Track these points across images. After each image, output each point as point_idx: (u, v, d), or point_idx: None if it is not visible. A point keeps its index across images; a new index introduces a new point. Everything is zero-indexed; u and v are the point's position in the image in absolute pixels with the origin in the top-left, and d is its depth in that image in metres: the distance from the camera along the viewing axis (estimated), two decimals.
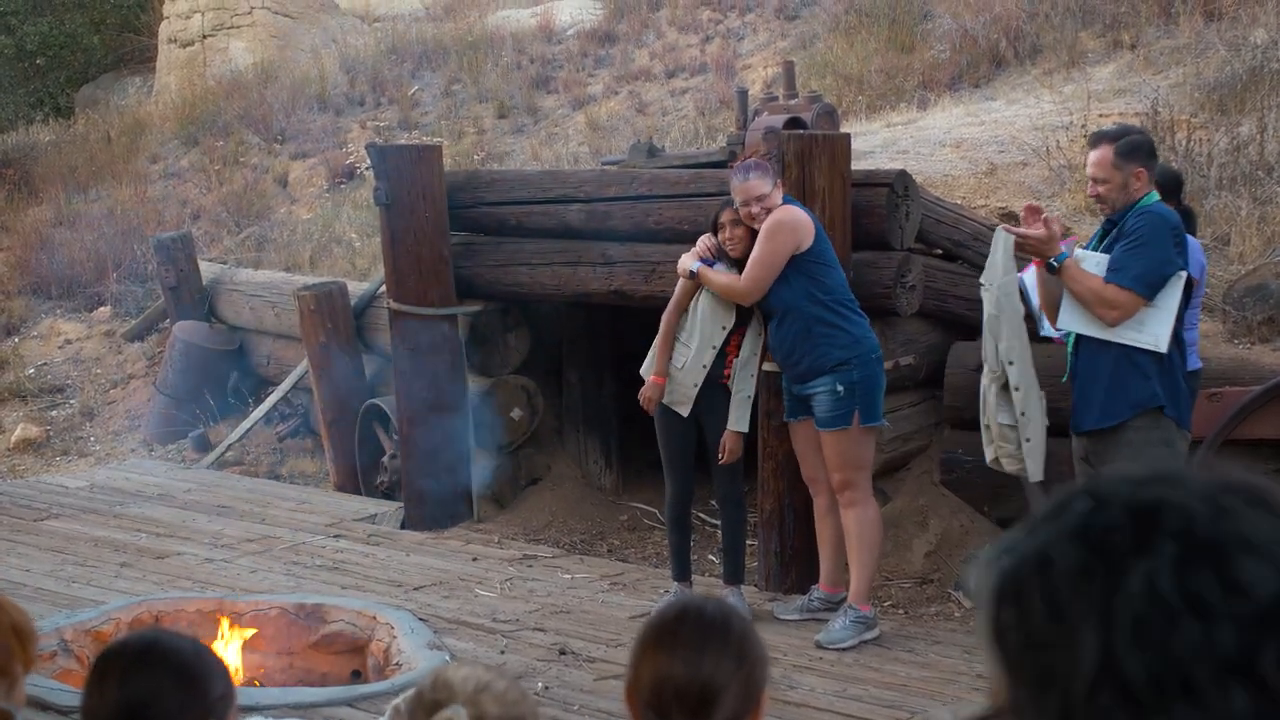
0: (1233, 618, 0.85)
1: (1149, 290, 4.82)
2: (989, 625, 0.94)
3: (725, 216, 5.83)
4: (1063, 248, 4.95)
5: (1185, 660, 0.84)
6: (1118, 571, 0.88)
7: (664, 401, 6.00)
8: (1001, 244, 5.28)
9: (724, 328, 5.90)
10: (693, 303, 5.95)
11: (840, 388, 5.62)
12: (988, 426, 5.41)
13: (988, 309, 5.35)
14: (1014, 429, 5.33)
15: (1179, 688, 0.84)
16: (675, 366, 5.96)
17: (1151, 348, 4.84)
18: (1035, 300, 5.41)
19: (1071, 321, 5.00)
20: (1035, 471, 5.35)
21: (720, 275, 5.81)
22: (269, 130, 14.49)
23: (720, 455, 5.97)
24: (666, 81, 13.55)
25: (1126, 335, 4.87)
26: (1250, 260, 7.13)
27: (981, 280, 5.42)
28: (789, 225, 5.62)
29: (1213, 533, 0.88)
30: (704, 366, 5.92)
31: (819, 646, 5.67)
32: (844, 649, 5.64)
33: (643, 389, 6.04)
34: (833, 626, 5.76)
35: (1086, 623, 0.88)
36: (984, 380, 5.43)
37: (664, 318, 6.02)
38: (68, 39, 18.98)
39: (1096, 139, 5.02)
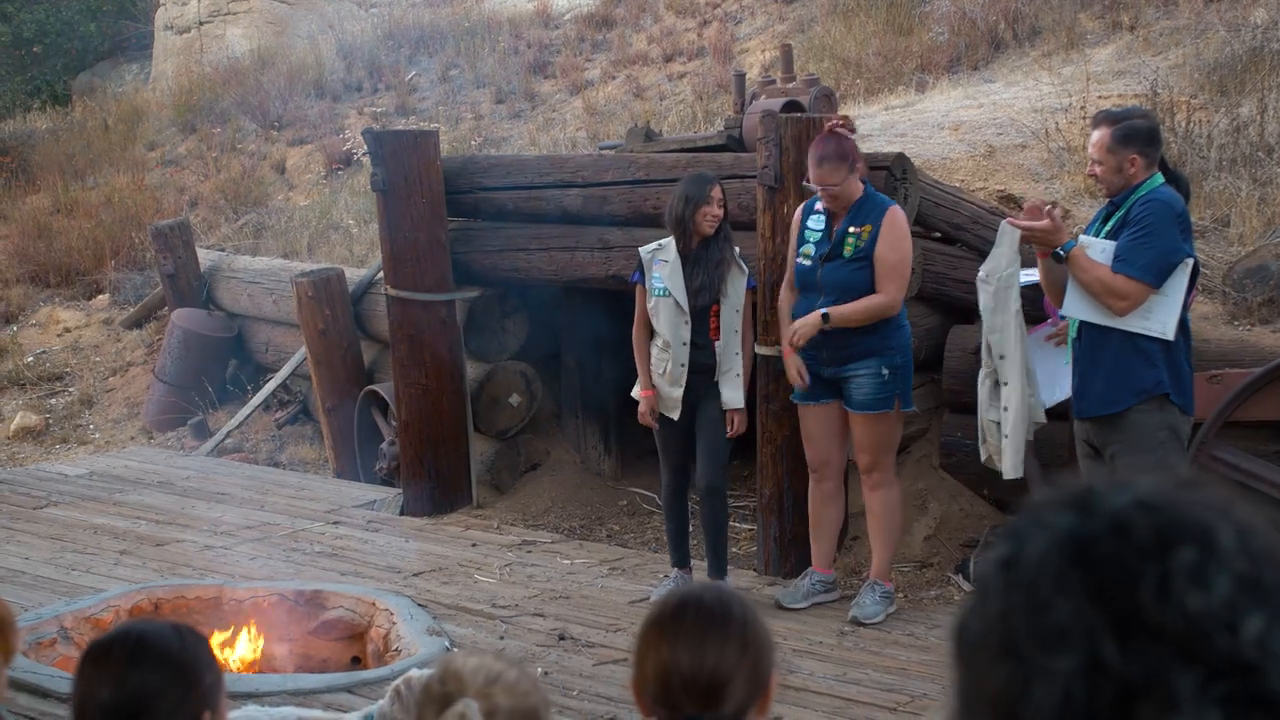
0: (1114, 563, 0.88)
1: (1158, 279, 4.78)
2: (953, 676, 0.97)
3: (715, 193, 5.92)
4: (1067, 237, 4.91)
5: (1059, 615, 0.88)
6: (1020, 550, 0.92)
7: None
8: (1008, 238, 5.18)
9: (686, 322, 5.95)
10: (650, 310, 6.02)
11: (885, 371, 5.68)
12: (982, 427, 5.39)
13: (984, 302, 5.29)
14: (998, 425, 5.30)
15: (1059, 642, 0.87)
16: (657, 373, 6.03)
17: (1159, 335, 4.81)
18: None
19: (1077, 309, 4.95)
20: (1010, 468, 5.27)
21: (857, 306, 5.62)
22: (266, 117, 14.46)
23: (729, 429, 6.03)
24: (664, 66, 13.50)
25: (1134, 323, 4.83)
26: (1250, 242, 7.09)
27: (981, 274, 5.33)
28: (907, 230, 5.72)
29: (1111, 500, 0.92)
30: (682, 365, 5.97)
31: (855, 622, 5.75)
32: (878, 624, 5.76)
33: (639, 410, 6.14)
34: (864, 601, 5.85)
35: (994, 606, 0.92)
36: (980, 376, 5.40)
37: (634, 336, 6.14)
38: (64, 26, 18.92)
39: (1099, 119, 4.99)
